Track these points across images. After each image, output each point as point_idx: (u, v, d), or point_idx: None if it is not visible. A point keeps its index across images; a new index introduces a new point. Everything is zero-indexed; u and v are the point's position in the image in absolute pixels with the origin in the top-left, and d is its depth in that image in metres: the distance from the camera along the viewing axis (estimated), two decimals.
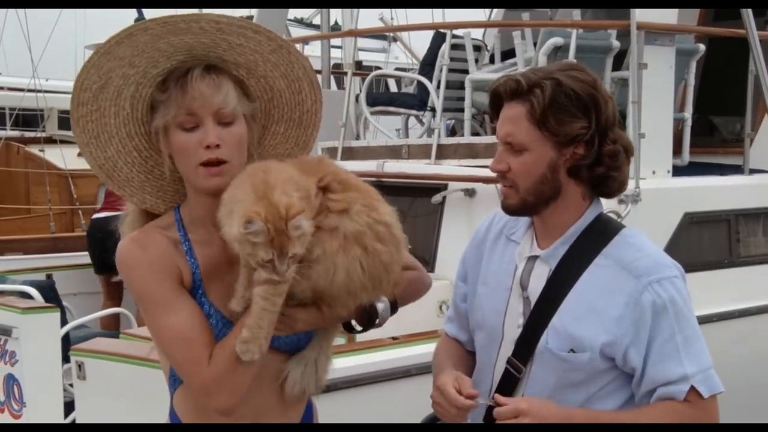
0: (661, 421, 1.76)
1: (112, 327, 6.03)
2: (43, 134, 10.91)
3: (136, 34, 1.65)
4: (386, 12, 12.10)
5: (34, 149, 10.45)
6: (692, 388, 1.77)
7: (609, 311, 1.77)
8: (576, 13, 5.61)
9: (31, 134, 11.90)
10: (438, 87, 5.64)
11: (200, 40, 1.67)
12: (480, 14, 9.44)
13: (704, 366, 1.80)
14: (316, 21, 13.12)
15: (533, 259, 1.89)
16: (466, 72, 5.78)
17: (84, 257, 6.39)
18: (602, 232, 1.85)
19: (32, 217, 9.63)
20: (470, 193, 4.94)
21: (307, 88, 1.80)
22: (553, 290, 1.84)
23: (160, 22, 1.63)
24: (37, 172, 9.85)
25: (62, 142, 10.38)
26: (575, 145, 1.80)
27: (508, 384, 1.88)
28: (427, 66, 6.12)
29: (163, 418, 1.83)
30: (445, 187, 5.04)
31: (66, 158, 9.54)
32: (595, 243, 1.84)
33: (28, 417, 3.98)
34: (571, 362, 1.79)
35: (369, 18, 9.99)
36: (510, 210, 1.88)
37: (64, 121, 13.12)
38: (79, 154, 10.24)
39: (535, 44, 5.47)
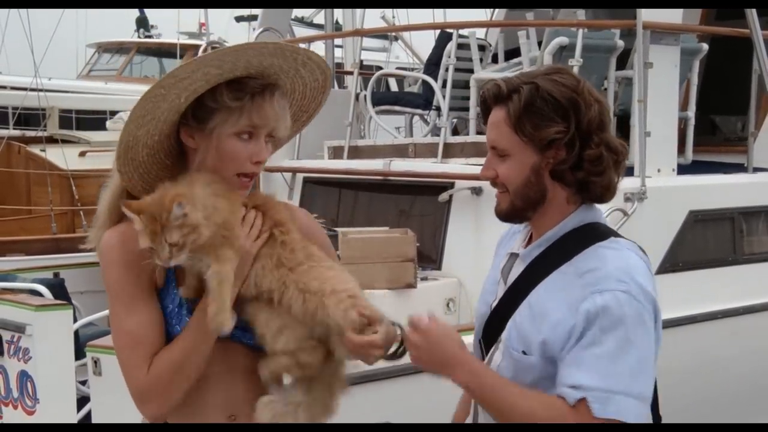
0: (542, 407, 1.73)
1: None
2: (45, 134, 10.91)
3: (248, 49, 1.77)
4: (387, 11, 12.14)
5: (35, 149, 10.45)
6: (583, 400, 1.69)
7: (552, 315, 1.77)
8: (581, 13, 5.65)
9: (32, 133, 11.89)
10: (443, 86, 5.68)
11: (280, 64, 1.80)
12: (481, 14, 9.48)
13: (613, 387, 1.68)
14: (317, 20, 13.15)
15: (514, 256, 1.93)
16: (470, 71, 5.82)
17: (90, 257, 6.40)
18: (581, 239, 1.83)
19: (33, 217, 9.63)
20: (477, 191, 4.98)
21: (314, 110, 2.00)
22: (517, 289, 1.87)
23: (272, 45, 1.79)
24: (39, 173, 9.85)
25: (64, 141, 10.39)
26: (556, 149, 1.79)
27: None
28: (432, 65, 6.16)
29: None
30: (451, 186, 5.08)
31: (68, 158, 9.55)
32: (568, 250, 1.82)
33: (41, 413, 4.01)
34: (522, 363, 1.81)
35: (369, 17, 10.01)
36: (501, 215, 1.89)
37: (65, 121, 13.14)
38: (82, 154, 10.28)
39: (539, 44, 5.51)
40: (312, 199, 5.91)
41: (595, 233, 1.84)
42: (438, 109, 5.85)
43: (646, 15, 4.80)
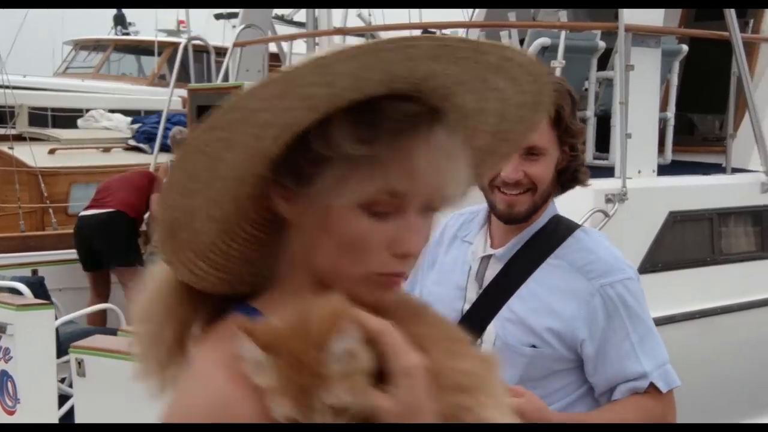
0: (632, 414, 1.84)
1: (98, 323, 6.03)
2: (13, 131, 10.78)
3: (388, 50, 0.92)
4: (364, 11, 12.12)
5: (3, 146, 10.32)
6: (651, 384, 1.85)
7: (563, 311, 1.83)
8: (562, 14, 5.68)
9: (0, 131, 11.75)
10: None
11: (452, 71, 0.97)
12: (460, 14, 9.50)
13: (660, 362, 1.88)
14: (297, 18, 13.11)
15: (488, 258, 1.93)
16: None
17: (69, 254, 6.37)
18: (555, 232, 1.90)
19: (1, 215, 9.52)
20: None
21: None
22: (502, 284, 1.88)
23: (432, 40, 0.93)
24: (6, 170, 9.74)
25: (32, 139, 10.26)
26: (570, 144, 1.87)
27: None
28: None
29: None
30: None
31: (37, 156, 9.44)
32: (549, 243, 1.88)
33: (22, 413, 3.98)
34: (532, 357, 1.84)
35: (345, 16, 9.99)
36: (521, 216, 1.88)
37: (40, 118, 13.00)
38: (51, 151, 10.17)
39: (521, 43, 5.54)
40: None
41: (564, 225, 1.93)
42: None
43: (628, 15, 4.84)
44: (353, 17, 11.45)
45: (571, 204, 4.56)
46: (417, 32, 6.53)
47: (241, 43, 6.66)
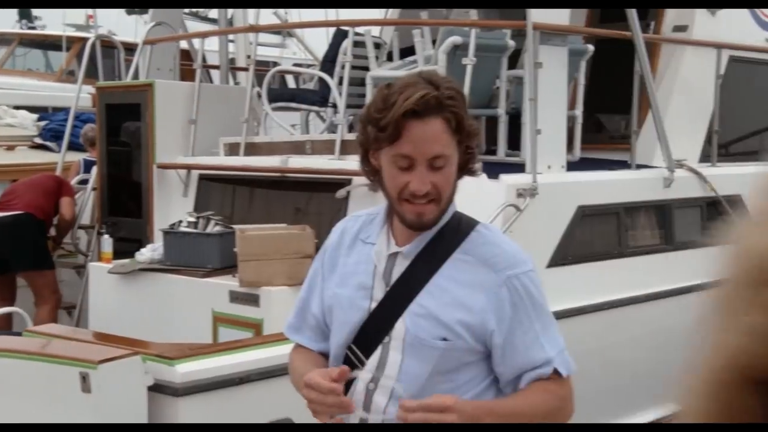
0: (539, 396, 1.91)
1: (4, 327, 5.84)
2: None
3: None
4: (281, 10, 12.06)
5: None
6: (554, 369, 1.93)
7: (473, 304, 1.88)
8: (473, 13, 5.78)
9: None
10: (339, 83, 5.71)
11: None
12: (375, 13, 9.55)
13: (560, 348, 1.95)
14: (212, 15, 12.95)
15: (394, 256, 1.95)
16: (366, 69, 5.87)
17: None
18: (458, 227, 1.95)
19: None
20: (374, 187, 5.01)
21: None
22: (409, 280, 1.92)
23: None
24: None
25: None
26: (468, 145, 1.90)
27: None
28: (328, 62, 6.18)
29: (70, 415, 1.79)
30: (349, 182, 5.11)
31: None
32: (453, 238, 1.93)
33: None
34: (443, 350, 1.88)
35: (264, 13, 9.92)
36: (429, 224, 1.91)
37: None
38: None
39: (433, 42, 5.61)
40: (208, 196, 5.84)
41: (465, 221, 1.97)
42: (334, 106, 5.88)
43: (536, 15, 4.95)
44: (268, 14, 11.40)
45: (483, 199, 4.69)
46: (332, 30, 6.54)
47: (151, 40, 6.55)
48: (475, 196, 4.66)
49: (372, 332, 1.93)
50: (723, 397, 0.74)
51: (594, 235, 5.33)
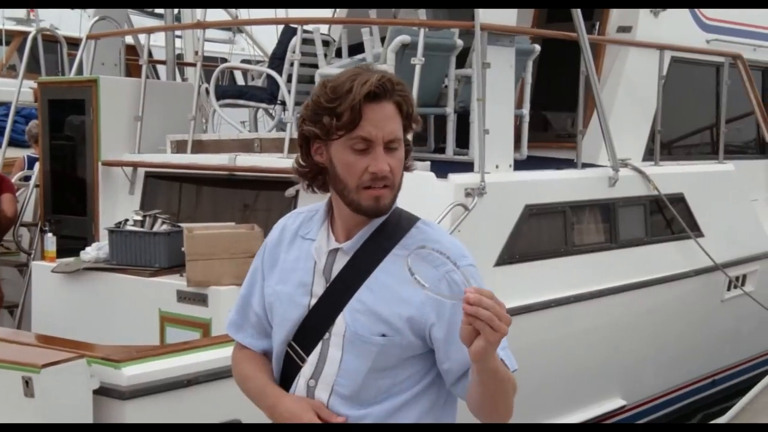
0: (506, 374, 1.84)
1: None
2: None
3: None
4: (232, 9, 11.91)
5: None
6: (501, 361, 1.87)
7: (413, 298, 1.86)
8: (422, 13, 5.80)
9: None
10: (288, 81, 5.68)
11: None
12: (324, 11, 9.51)
13: (504, 344, 1.85)
14: (159, 10, 12.77)
15: (334, 252, 1.95)
16: (315, 66, 5.85)
17: None
18: (399, 223, 1.94)
19: None
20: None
21: None
22: (349, 276, 1.91)
23: None
24: None
25: None
26: (412, 129, 1.92)
27: (290, 370, 1.95)
28: (277, 59, 6.14)
29: (13, 420, 1.73)
30: (298, 181, 5.08)
31: None
32: (394, 234, 1.92)
33: None
34: (382, 346, 1.87)
35: (213, 9, 9.82)
36: (386, 209, 1.91)
37: None
38: None
39: (382, 41, 5.62)
40: (154, 194, 5.77)
41: (405, 216, 1.96)
42: (283, 103, 5.85)
43: (483, 15, 4.99)
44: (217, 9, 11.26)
45: (432, 198, 4.71)
46: (281, 27, 6.51)
47: (94, 35, 6.44)
48: (424, 195, 4.70)
49: (312, 329, 1.92)
50: None
51: (541, 234, 5.39)
